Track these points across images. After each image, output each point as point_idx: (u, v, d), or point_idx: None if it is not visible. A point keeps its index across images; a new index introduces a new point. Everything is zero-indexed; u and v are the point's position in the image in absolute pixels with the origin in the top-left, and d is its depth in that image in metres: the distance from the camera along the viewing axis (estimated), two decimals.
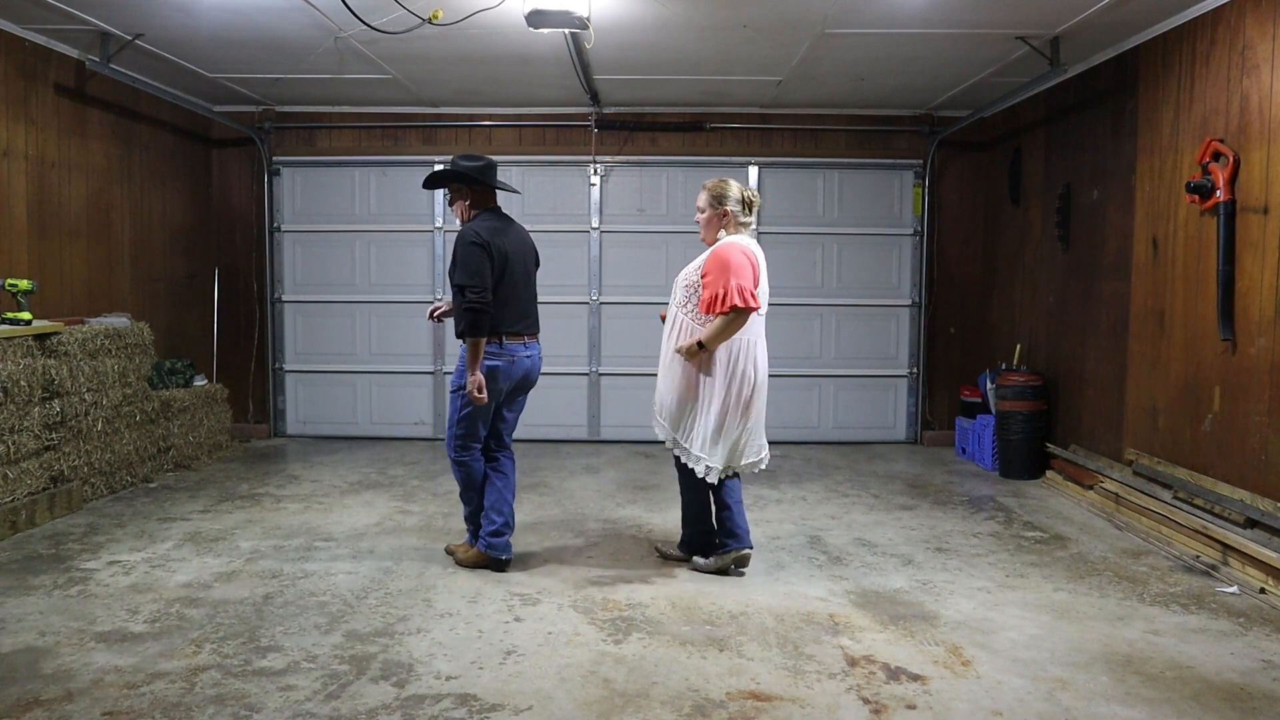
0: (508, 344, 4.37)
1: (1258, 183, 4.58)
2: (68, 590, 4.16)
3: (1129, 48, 5.79)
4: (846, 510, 5.80)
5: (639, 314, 8.12)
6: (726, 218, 4.38)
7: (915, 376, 8.22)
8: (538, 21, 4.86)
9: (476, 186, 4.43)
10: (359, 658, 3.46)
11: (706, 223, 4.41)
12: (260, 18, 5.49)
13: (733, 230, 4.39)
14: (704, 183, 4.44)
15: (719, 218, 4.38)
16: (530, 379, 4.55)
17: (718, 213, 4.37)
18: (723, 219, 4.38)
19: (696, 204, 4.46)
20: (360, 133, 8.14)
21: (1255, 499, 4.54)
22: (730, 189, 4.38)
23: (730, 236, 4.37)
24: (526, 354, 4.46)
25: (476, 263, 4.20)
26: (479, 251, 4.22)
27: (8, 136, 5.62)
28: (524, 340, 4.45)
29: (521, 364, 4.44)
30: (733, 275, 4.15)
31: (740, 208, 4.39)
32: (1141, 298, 5.67)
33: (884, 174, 8.12)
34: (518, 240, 4.47)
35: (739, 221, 4.40)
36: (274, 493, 6.10)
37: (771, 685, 3.26)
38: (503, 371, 4.37)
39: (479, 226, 4.32)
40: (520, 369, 4.44)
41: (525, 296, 4.47)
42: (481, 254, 4.22)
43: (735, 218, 4.38)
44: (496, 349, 4.34)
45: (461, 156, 4.47)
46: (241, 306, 8.17)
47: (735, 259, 4.20)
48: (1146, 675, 3.38)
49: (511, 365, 4.39)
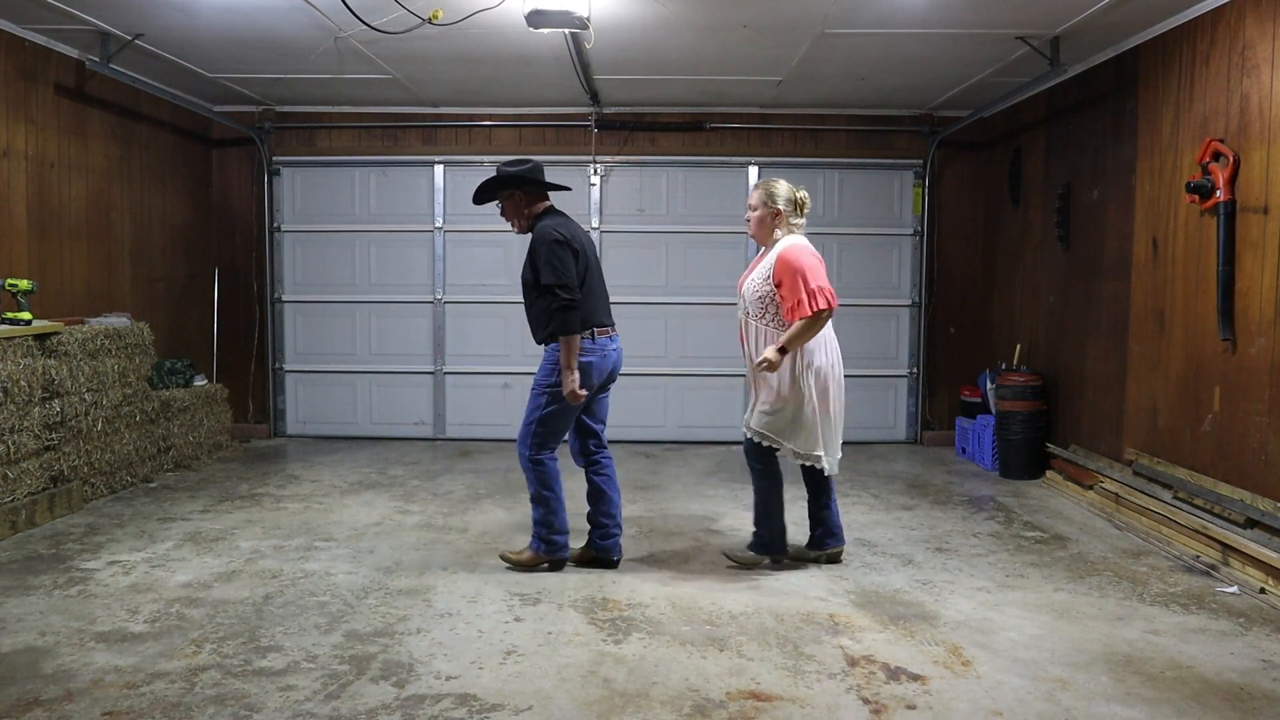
0: (598, 339, 4.38)
1: (1258, 183, 4.58)
2: (68, 590, 4.16)
3: (1129, 48, 5.79)
4: (846, 510, 5.79)
5: (639, 314, 8.12)
6: (779, 217, 4.39)
7: (915, 376, 8.22)
8: (538, 21, 4.86)
9: (530, 189, 4.40)
10: (359, 658, 3.46)
11: (759, 221, 4.42)
12: (260, 18, 5.49)
13: (786, 230, 4.41)
14: (757, 182, 4.46)
15: (771, 217, 4.39)
16: (616, 372, 4.55)
17: (770, 211, 4.38)
18: (775, 218, 4.39)
19: (748, 203, 4.48)
20: (360, 133, 8.14)
21: (1255, 499, 4.54)
22: (780, 188, 4.41)
23: (790, 237, 4.38)
24: (614, 347, 4.48)
25: (562, 261, 4.20)
26: (563, 250, 4.22)
27: (8, 136, 5.62)
28: (610, 334, 4.46)
29: (610, 357, 4.45)
30: (810, 278, 4.19)
31: (791, 208, 4.41)
32: (1141, 298, 5.68)
33: (884, 174, 8.12)
34: (586, 236, 4.48)
35: (791, 222, 4.41)
36: (274, 493, 6.10)
37: (771, 685, 3.26)
38: (596, 367, 4.36)
39: (552, 225, 4.29)
40: (610, 362, 4.45)
41: (603, 290, 4.49)
42: (566, 251, 4.22)
43: (787, 217, 4.40)
44: (589, 344, 4.33)
45: (506, 163, 4.42)
46: (241, 306, 8.17)
47: (807, 261, 4.24)
48: (1146, 675, 3.38)
49: (603, 359, 4.40)
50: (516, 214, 4.44)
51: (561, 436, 4.48)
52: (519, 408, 8.17)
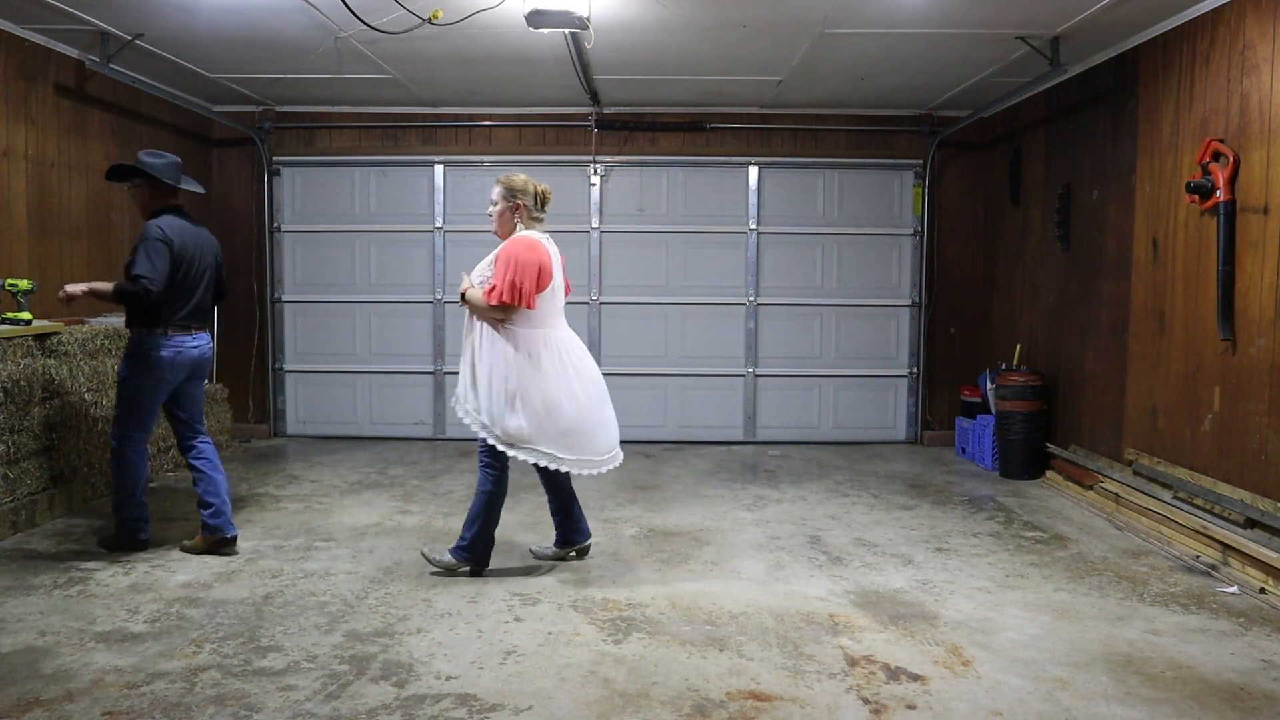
0: (175, 336, 4.57)
1: (1258, 183, 4.58)
2: (68, 590, 4.16)
3: (1129, 48, 5.79)
4: (846, 510, 5.80)
5: (639, 314, 8.13)
6: (520, 211, 4.41)
7: (915, 376, 8.22)
8: (538, 21, 4.86)
9: (157, 185, 4.60)
10: (359, 658, 3.46)
11: (499, 216, 4.43)
12: (260, 18, 5.49)
13: (526, 224, 4.44)
14: (498, 177, 4.47)
15: (511, 211, 4.41)
16: (201, 368, 4.76)
17: (510, 205, 4.40)
18: (515, 212, 4.41)
19: (490, 198, 4.49)
20: (360, 133, 8.14)
21: (1255, 499, 4.54)
22: (525, 183, 4.43)
23: (525, 231, 4.41)
24: (194, 344, 4.66)
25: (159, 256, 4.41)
26: (162, 247, 4.43)
27: (8, 136, 5.62)
28: (192, 333, 4.66)
29: (188, 353, 4.63)
30: (514, 272, 4.20)
31: (533, 201, 4.43)
32: (1141, 298, 5.68)
33: (884, 174, 8.12)
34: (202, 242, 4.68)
35: (532, 215, 4.44)
36: (274, 493, 6.10)
37: (771, 685, 3.26)
38: (168, 361, 4.56)
39: (162, 223, 4.50)
40: (187, 358, 4.63)
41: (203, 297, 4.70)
42: (164, 249, 4.43)
43: (529, 211, 4.42)
44: (165, 339, 4.54)
45: (148, 152, 4.64)
46: (241, 306, 8.17)
47: (525, 257, 4.24)
48: (1146, 675, 3.38)
49: (178, 355, 4.59)
50: (140, 202, 4.67)
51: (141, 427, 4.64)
52: None
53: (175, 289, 4.51)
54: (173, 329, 4.56)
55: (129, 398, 4.59)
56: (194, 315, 4.67)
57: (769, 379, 8.21)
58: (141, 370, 4.53)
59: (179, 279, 4.51)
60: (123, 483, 4.66)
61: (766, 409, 8.21)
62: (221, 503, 4.70)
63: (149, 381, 4.55)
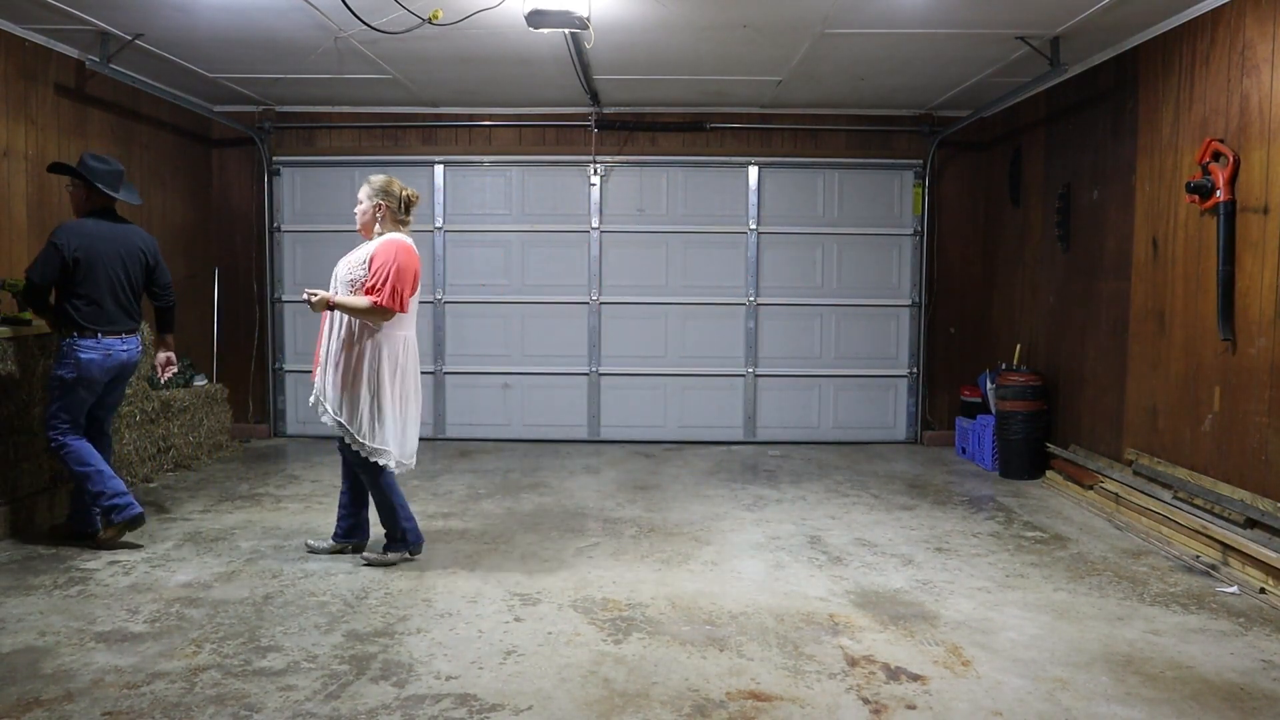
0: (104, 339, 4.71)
1: (1258, 183, 4.59)
2: (68, 590, 4.16)
3: (1129, 48, 5.79)
4: (846, 510, 5.80)
5: (639, 314, 8.13)
6: (384, 211, 4.49)
7: (915, 376, 8.22)
8: (538, 21, 4.86)
9: (94, 190, 4.76)
10: (359, 658, 3.46)
11: (365, 215, 4.52)
12: (260, 18, 5.49)
13: (390, 226, 4.51)
14: (368, 177, 4.55)
15: (375, 210, 4.50)
16: (127, 369, 4.89)
17: (374, 205, 4.49)
18: (379, 212, 4.49)
19: (358, 197, 4.55)
20: (360, 133, 8.14)
21: (1255, 499, 4.54)
22: (393, 186, 4.51)
23: (393, 234, 4.48)
24: (123, 347, 4.80)
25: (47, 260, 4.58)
26: (53, 252, 4.58)
27: (8, 136, 5.62)
28: (120, 336, 4.78)
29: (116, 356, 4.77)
30: (396, 277, 4.31)
31: (398, 204, 4.51)
32: (1141, 298, 5.68)
33: (884, 174, 8.12)
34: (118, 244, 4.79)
35: (397, 219, 4.52)
36: (274, 493, 6.10)
37: (771, 685, 3.26)
38: (96, 363, 4.69)
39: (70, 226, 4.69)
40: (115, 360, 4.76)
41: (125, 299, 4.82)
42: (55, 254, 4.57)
43: (393, 214, 4.50)
44: (93, 342, 4.67)
45: (91, 156, 4.79)
46: (241, 306, 8.17)
47: (404, 260, 4.37)
48: (1146, 675, 3.38)
49: (106, 358, 4.72)
50: (74, 202, 4.83)
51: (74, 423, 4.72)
52: (519, 408, 8.25)
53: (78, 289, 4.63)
54: (103, 332, 4.70)
55: (60, 398, 4.67)
56: (122, 317, 4.79)
57: (769, 379, 8.21)
58: (70, 372, 4.64)
59: (79, 282, 4.63)
60: (83, 466, 4.68)
61: (766, 409, 8.22)
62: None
63: (79, 383, 4.66)
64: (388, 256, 4.35)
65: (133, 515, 4.69)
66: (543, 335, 8.20)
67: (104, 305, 4.71)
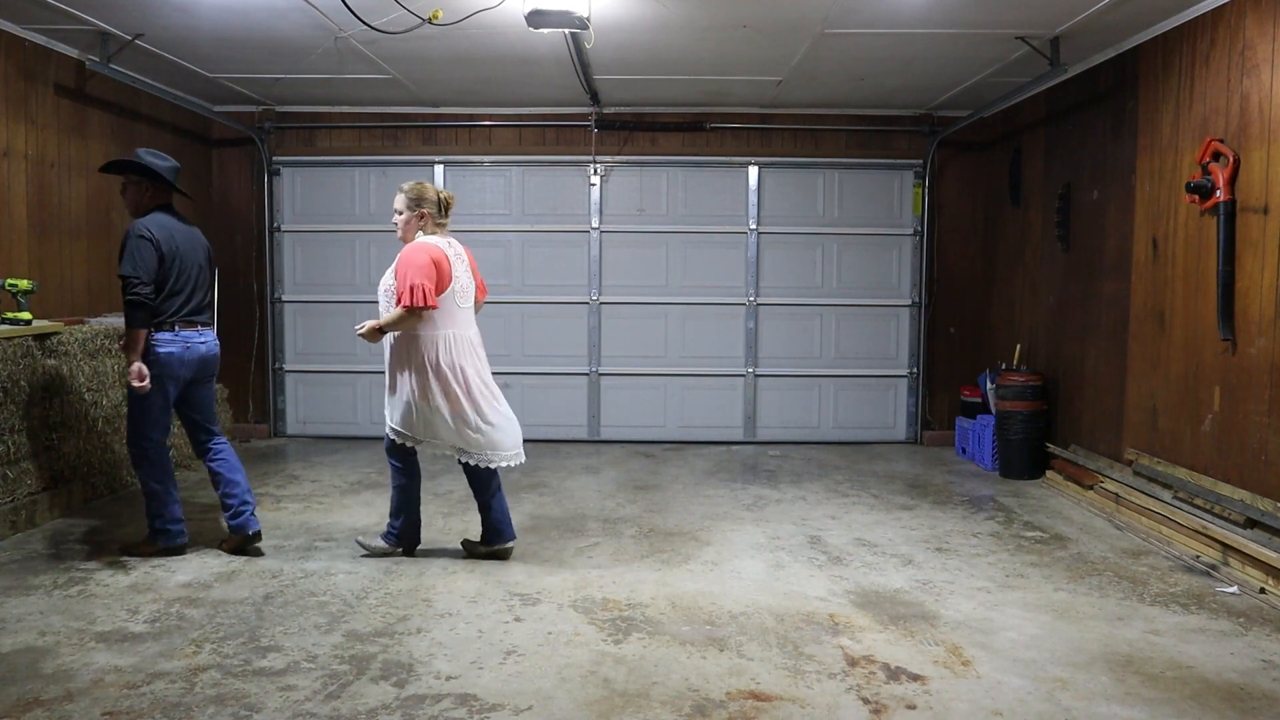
0: (181, 331, 4.58)
1: (1258, 183, 4.59)
2: (68, 590, 4.16)
3: (1129, 48, 5.79)
4: (846, 510, 5.80)
5: (639, 314, 8.13)
6: (425, 219, 4.52)
7: (915, 376, 8.22)
8: (538, 21, 4.86)
9: (157, 183, 4.61)
10: (359, 658, 3.46)
11: (405, 224, 4.54)
12: (260, 18, 5.49)
13: (430, 231, 4.53)
14: (400, 185, 4.58)
15: (417, 219, 4.52)
16: (209, 366, 4.75)
17: (415, 214, 4.52)
18: (421, 220, 4.52)
19: (394, 206, 4.57)
20: (360, 133, 8.14)
21: (1255, 499, 4.54)
22: (428, 191, 4.54)
23: (424, 237, 4.50)
24: (200, 340, 4.65)
25: (141, 255, 4.41)
26: (145, 245, 4.42)
27: (8, 136, 5.62)
28: (198, 329, 4.67)
29: (196, 349, 4.62)
30: (412, 274, 4.32)
31: (437, 209, 4.54)
32: (1141, 298, 5.68)
33: (884, 174, 8.12)
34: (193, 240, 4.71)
35: (437, 222, 4.55)
36: (274, 493, 6.10)
37: (771, 685, 3.26)
38: (177, 356, 4.55)
39: (149, 221, 4.51)
40: (195, 354, 4.62)
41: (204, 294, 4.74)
42: (148, 247, 4.43)
43: (433, 219, 4.53)
44: (170, 335, 4.53)
45: (148, 151, 4.64)
46: (241, 306, 8.17)
47: (419, 259, 4.37)
48: (1146, 675, 3.38)
49: (186, 350, 4.58)
50: (133, 199, 4.64)
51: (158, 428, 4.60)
52: (519, 408, 8.19)
53: (167, 285, 4.50)
54: (180, 324, 4.55)
55: (140, 399, 4.52)
56: (198, 311, 4.68)
57: (769, 379, 8.21)
58: (150, 368, 4.45)
59: (170, 275, 4.51)
60: (155, 486, 4.59)
61: (766, 409, 8.22)
62: (239, 502, 4.69)
63: (158, 379, 4.50)
64: (401, 261, 4.38)
65: (174, 545, 4.65)
66: (543, 335, 8.20)
67: (188, 299, 4.60)
